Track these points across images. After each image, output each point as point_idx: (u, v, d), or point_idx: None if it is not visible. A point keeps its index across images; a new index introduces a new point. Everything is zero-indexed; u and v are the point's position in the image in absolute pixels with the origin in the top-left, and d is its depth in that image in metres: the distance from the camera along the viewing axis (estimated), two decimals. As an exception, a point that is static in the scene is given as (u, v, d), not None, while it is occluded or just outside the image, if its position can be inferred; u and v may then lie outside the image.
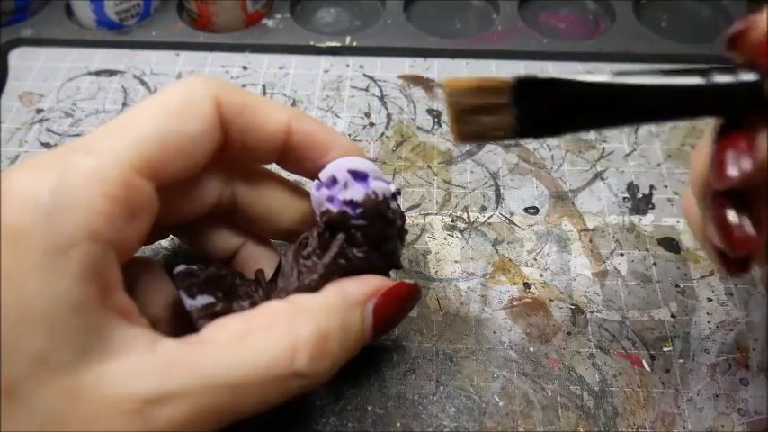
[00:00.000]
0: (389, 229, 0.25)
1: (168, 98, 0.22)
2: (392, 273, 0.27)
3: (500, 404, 0.28)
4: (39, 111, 0.41)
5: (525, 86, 0.22)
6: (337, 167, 0.25)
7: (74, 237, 0.18)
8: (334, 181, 0.25)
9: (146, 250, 0.32)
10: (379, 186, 0.24)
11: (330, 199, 0.24)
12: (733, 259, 0.22)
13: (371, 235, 0.24)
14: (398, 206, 0.26)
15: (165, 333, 0.21)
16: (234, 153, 0.25)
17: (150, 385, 0.18)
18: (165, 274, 0.26)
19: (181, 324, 0.23)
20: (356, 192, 0.24)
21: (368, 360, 0.29)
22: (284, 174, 0.28)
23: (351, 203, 0.24)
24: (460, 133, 0.23)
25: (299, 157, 0.25)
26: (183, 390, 0.19)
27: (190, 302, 0.24)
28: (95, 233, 0.19)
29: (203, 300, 0.24)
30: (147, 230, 0.22)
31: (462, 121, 0.22)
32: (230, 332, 0.21)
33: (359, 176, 0.24)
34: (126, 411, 0.18)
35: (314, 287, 0.24)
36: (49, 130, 0.39)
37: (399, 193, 0.26)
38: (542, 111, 0.22)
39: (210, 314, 0.24)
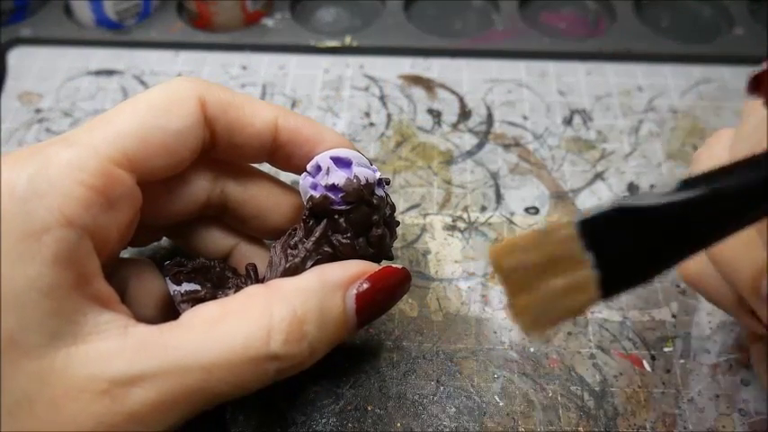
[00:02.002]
0: (375, 214, 0.25)
1: (152, 96, 0.23)
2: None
3: (500, 404, 0.28)
4: (38, 110, 0.40)
5: (594, 229, 0.17)
6: (322, 156, 0.25)
7: (48, 222, 0.19)
8: (318, 169, 0.25)
9: (144, 251, 0.32)
10: (362, 172, 0.24)
11: (314, 186, 0.25)
12: None
13: (355, 220, 0.24)
14: (386, 195, 0.26)
15: None
16: (223, 152, 0.25)
17: (119, 367, 0.19)
18: (160, 275, 0.26)
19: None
20: (338, 177, 0.24)
21: (368, 360, 0.29)
22: (283, 176, 0.28)
23: (333, 188, 0.24)
24: (526, 311, 0.17)
25: (288, 154, 0.25)
26: (153, 372, 0.19)
27: (174, 288, 0.25)
28: (70, 219, 0.19)
29: (188, 287, 0.25)
30: (129, 222, 0.22)
31: (523, 288, 0.17)
32: (206, 316, 0.21)
33: (342, 163, 0.25)
34: (93, 392, 0.18)
35: (296, 271, 0.24)
36: (48, 130, 0.39)
37: (388, 183, 0.26)
38: (630, 253, 0.17)
39: (193, 299, 0.24)
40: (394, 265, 0.24)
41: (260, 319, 0.20)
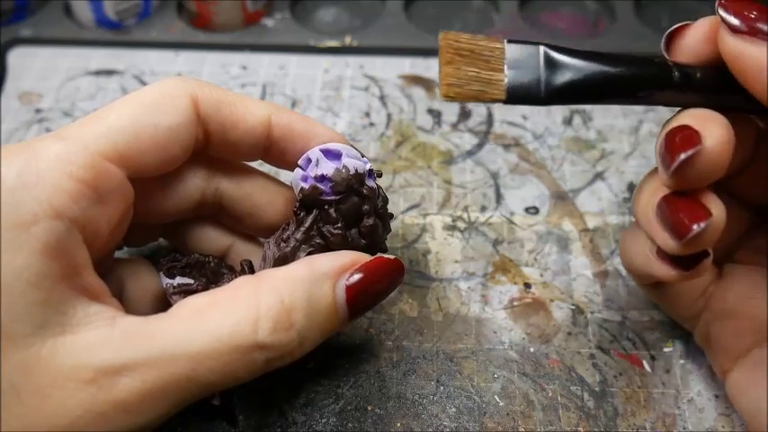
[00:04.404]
0: (365, 204, 0.25)
1: (144, 94, 0.23)
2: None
3: (500, 404, 0.28)
4: (38, 110, 0.40)
5: (519, 51, 0.22)
6: (313, 150, 0.25)
7: (36, 213, 0.19)
8: (308, 161, 0.25)
9: (142, 252, 0.32)
10: (351, 162, 0.24)
11: (304, 178, 0.25)
12: (684, 259, 0.22)
13: (346, 210, 0.24)
14: (379, 187, 0.26)
15: None
16: (217, 150, 0.25)
17: (105, 356, 0.19)
18: (156, 275, 0.26)
19: None
20: (327, 167, 0.24)
21: (368, 360, 0.29)
22: (283, 177, 0.28)
23: (322, 179, 0.24)
24: (448, 77, 0.22)
25: (282, 150, 0.25)
26: (140, 361, 0.19)
27: (166, 281, 0.25)
28: (59, 211, 0.19)
29: (181, 280, 0.25)
30: (120, 217, 0.22)
31: (452, 63, 0.22)
32: (194, 306, 0.21)
33: (332, 155, 0.25)
34: (80, 381, 0.18)
35: (285, 261, 0.24)
36: (48, 130, 0.39)
37: (380, 175, 0.26)
38: (535, 84, 0.22)
39: (185, 292, 0.24)
40: (386, 256, 0.24)
41: (247, 308, 0.20)
